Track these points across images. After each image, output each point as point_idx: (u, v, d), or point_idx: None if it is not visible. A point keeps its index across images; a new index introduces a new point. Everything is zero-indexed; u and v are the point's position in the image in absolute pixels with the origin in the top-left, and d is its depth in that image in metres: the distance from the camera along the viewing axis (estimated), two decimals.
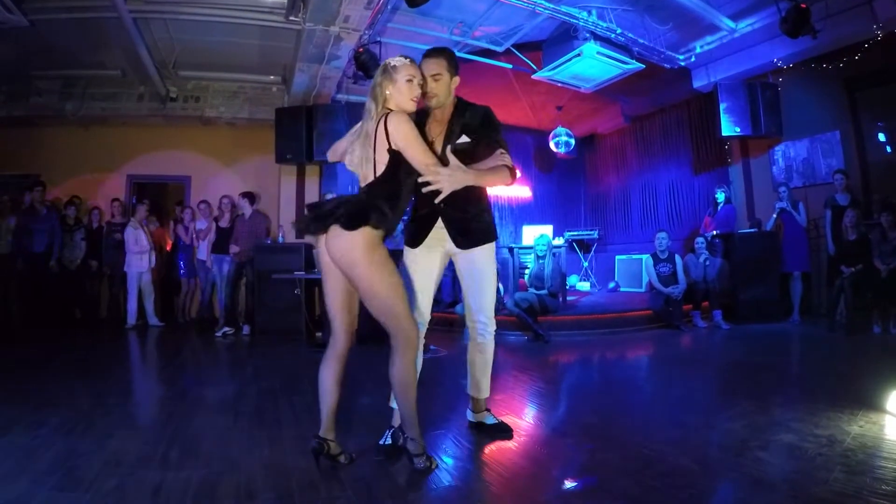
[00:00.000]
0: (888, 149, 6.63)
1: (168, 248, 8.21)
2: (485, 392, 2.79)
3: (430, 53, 2.48)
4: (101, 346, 6.23)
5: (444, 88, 2.44)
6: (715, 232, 7.52)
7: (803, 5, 5.53)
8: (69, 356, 5.37)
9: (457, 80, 2.50)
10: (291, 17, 6.05)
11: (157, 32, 6.80)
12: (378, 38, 6.36)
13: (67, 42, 6.90)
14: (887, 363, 4.23)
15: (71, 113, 7.92)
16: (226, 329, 6.80)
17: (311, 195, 8.49)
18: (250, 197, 7.31)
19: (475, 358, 2.74)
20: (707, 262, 6.80)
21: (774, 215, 6.91)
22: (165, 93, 8.09)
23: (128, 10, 5.96)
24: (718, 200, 7.79)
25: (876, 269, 5.73)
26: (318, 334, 6.24)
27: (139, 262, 7.34)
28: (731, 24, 6.69)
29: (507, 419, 2.90)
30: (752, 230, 7.26)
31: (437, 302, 7.18)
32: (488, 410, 2.84)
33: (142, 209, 7.60)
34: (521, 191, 11.44)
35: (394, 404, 2.52)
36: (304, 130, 7.56)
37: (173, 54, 7.39)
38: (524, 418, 3.12)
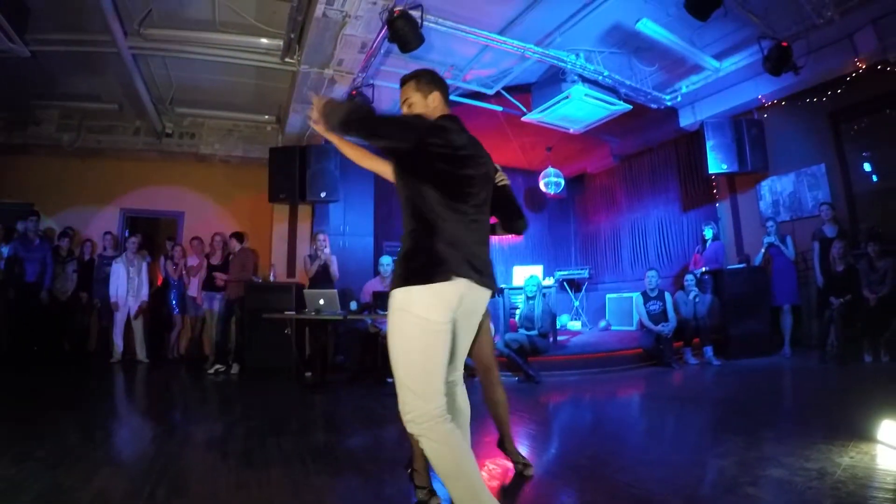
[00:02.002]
0: (874, 178, 6.74)
1: (159, 284, 8.15)
2: None
3: (400, 83, 2.31)
4: (89, 379, 6.11)
5: (419, 110, 2.21)
6: (704, 268, 7.59)
7: (784, 43, 5.70)
8: (57, 388, 5.28)
9: (434, 94, 2.21)
10: (287, 59, 6.20)
11: (156, 69, 6.96)
12: (371, 81, 6.47)
13: (67, 74, 7.05)
14: (878, 392, 4.23)
15: (67, 144, 8.00)
16: (217, 366, 6.71)
17: (304, 234, 8.54)
18: (238, 237, 7.37)
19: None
20: (697, 299, 6.83)
21: (763, 250, 7.00)
22: (161, 128, 8.21)
23: (127, 46, 6.10)
24: (707, 237, 7.90)
25: (865, 298, 5.79)
26: (308, 374, 6.18)
27: (123, 296, 7.30)
28: (716, 63, 6.89)
29: (499, 462, 2.88)
30: (740, 265, 7.34)
31: None
32: None
33: (132, 244, 7.54)
34: None
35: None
36: (297, 170, 7.62)
37: (170, 91, 7.54)
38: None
